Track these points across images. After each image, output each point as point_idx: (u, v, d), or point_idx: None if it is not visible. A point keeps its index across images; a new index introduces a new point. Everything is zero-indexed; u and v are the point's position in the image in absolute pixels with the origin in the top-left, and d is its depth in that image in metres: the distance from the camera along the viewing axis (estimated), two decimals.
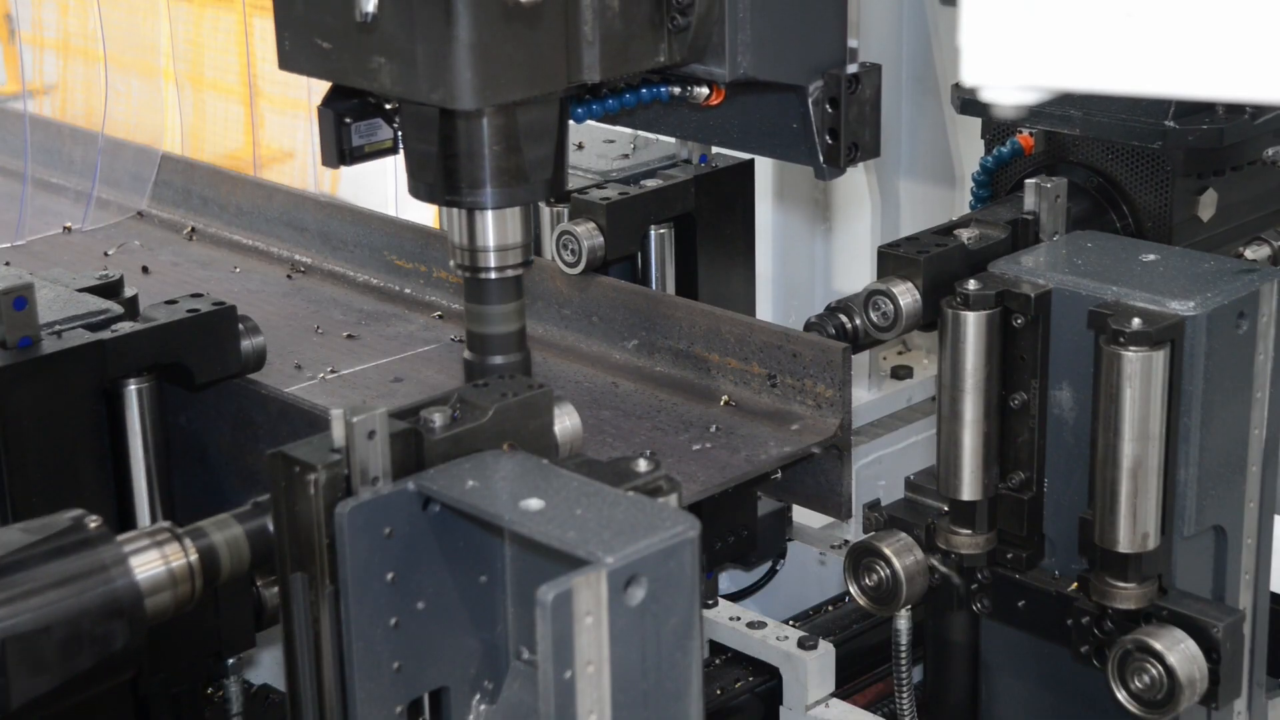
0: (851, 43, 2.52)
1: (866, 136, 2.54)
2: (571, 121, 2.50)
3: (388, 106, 2.43)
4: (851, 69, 2.50)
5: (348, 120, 2.41)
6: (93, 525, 1.98)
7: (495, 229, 2.42)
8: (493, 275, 2.45)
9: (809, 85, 2.51)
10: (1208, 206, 3.44)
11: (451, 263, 2.49)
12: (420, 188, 2.42)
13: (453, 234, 2.44)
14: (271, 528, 1.99)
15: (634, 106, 2.54)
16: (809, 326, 2.92)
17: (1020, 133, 3.49)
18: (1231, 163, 3.46)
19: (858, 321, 2.86)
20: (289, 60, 2.37)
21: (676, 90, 2.52)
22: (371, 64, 2.25)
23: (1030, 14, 1.45)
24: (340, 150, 2.42)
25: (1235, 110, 3.24)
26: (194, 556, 2.05)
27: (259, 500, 2.09)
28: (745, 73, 2.46)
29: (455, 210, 2.41)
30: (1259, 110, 3.29)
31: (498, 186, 2.38)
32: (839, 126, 2.50)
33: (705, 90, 2.52)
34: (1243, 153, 3.46)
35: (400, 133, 2.43)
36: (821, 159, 2.53)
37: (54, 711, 1.92)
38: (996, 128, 3.57)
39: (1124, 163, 3.42)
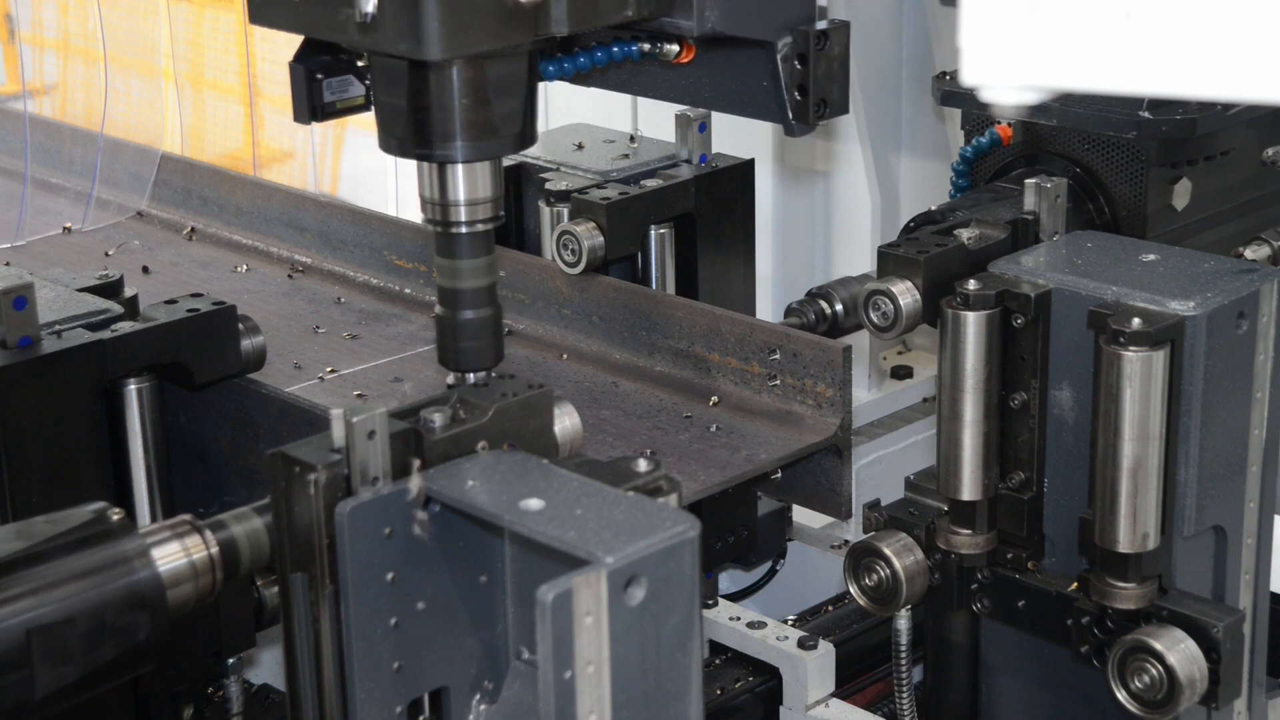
0: (821, 0, 2.51)
1: (835, 93, 2.50)
2: (542, 81, 2.48)
3: (359, 64, 2.42)
4: (820, 25, 2.47)
5: (319, 76, 2.41)
6: (115, 517, 1.98)
7: (466, 183, 2.40)
8: (463, 229, 2.43)
9: (778, 41, 2.48)
10: (1182, 196, 3.47)
11: (423, 217, 2.48)
12: (391, 142, 2.41)
13: (423, 188, 2.43)
14: None
15: (605, 64, 2.52)
16: (789, 312, 2.92)
17: (999, 123, 3.52)
18: (1205, 152, 3.50)
19: (838, 307, 2.89)
20: (259, 13, 2.35)
21: (646, 47, 2.50)
22: (340, 15, 2.24)
23: (1030, 14, 1.45)
24: (312, 106, 2.42)
25: (1208, 101, 3.27)
26: (215, 549, 2.06)
27: None
28: (713, 27, 2.43)
29: (426, 165, 2.41)
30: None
31: (467, 140, 2.36)
32: (808, 83, 2.47)
33: (675, 48, 2.50)
34: (1216, 143, 3.51)
35: (370, 88, 2.42)
36: (790, 116, 2.51)
37: (67, 707, 1.92)
38: (976, 119, 3.60)
39: (1100, 153, 3.45)
